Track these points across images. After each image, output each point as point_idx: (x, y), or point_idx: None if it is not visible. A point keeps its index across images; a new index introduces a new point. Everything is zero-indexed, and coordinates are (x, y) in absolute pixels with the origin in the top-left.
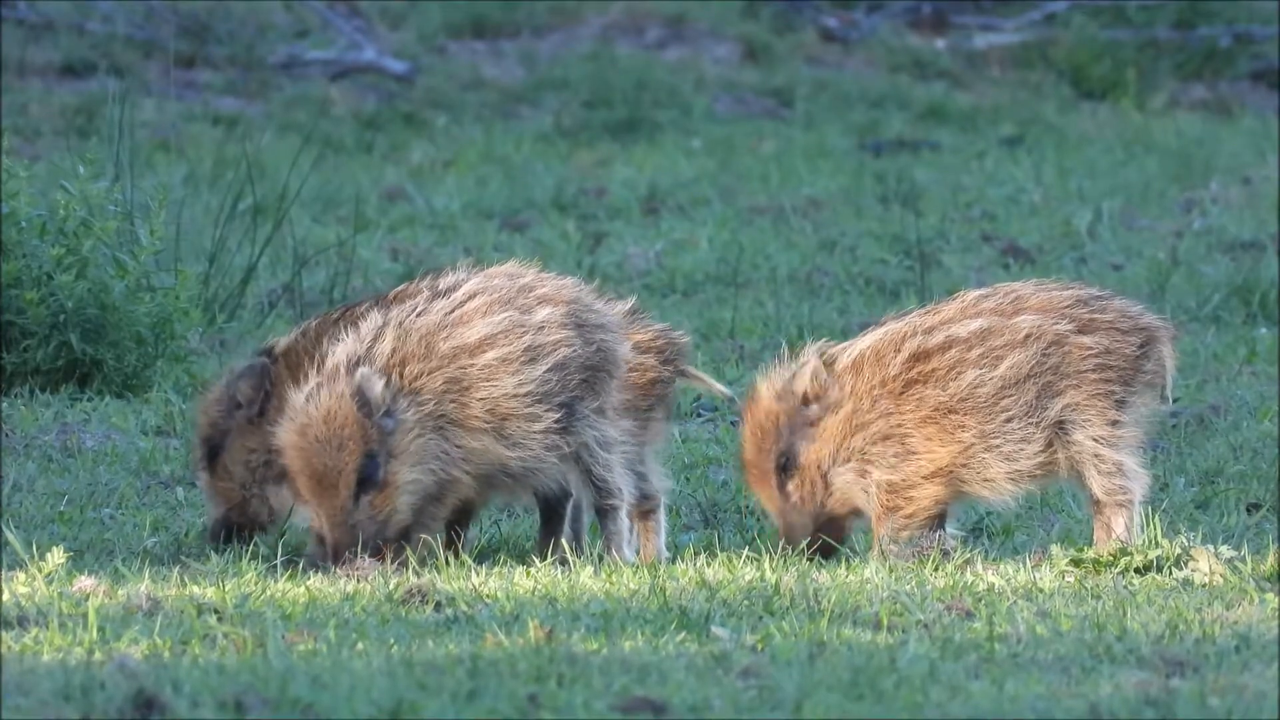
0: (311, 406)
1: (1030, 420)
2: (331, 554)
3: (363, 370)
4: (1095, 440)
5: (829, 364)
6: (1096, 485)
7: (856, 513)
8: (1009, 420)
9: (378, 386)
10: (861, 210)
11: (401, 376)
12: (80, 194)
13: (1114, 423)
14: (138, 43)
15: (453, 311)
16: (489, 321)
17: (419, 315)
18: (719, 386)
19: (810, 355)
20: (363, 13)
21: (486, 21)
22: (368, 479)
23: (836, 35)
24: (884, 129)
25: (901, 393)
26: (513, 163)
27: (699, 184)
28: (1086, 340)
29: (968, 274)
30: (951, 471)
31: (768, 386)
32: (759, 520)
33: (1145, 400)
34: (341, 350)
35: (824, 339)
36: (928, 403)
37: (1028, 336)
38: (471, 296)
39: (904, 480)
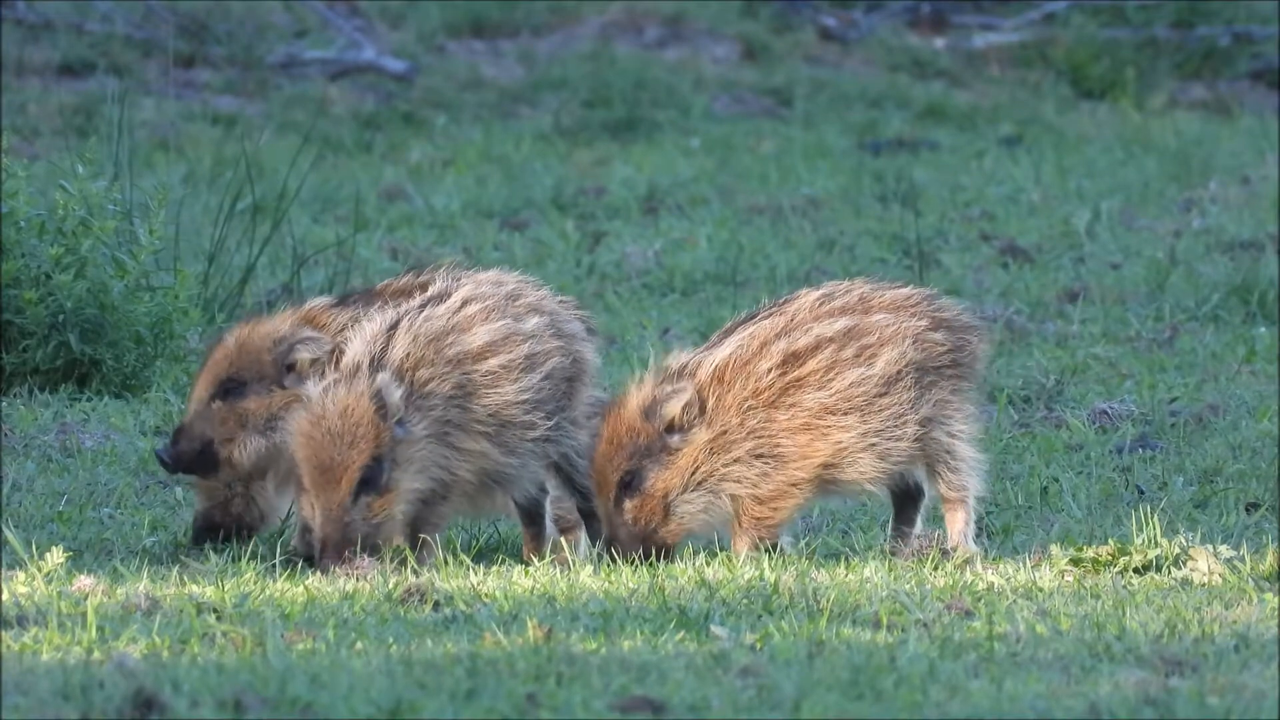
0: (329, 400)
1: (905, 418)
2: (319, 548)
3: (383, 375)
4: (951, 436)
5: (691, 375)
6: (943, 482)
7: (682, 537)
8: (888, 418)
9: (396, 394)
10: (860, 209)
11: (413, 382)
12: (79, 193)
13: (966, 418)
14: (136, 42)
15: (453, 316)
16: (490, 328)
17: (425, 319)
18: None
19: (686, 383)
20: (362, 12)
21: (486, 21)
22: (370, 481)
23: (835, 35)
24: (883, 128)
25: (775, 401)
26: (512, 162)
27: (698, 183)
28: (938, 336)
29: (966, 273)
30: (821, 474)
31: (637, 398)
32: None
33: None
34: (357, 348)
35: (686, 348)
36: (804, 407)
37: (895, 333)
38: (467, 302)
39: (773, 491)
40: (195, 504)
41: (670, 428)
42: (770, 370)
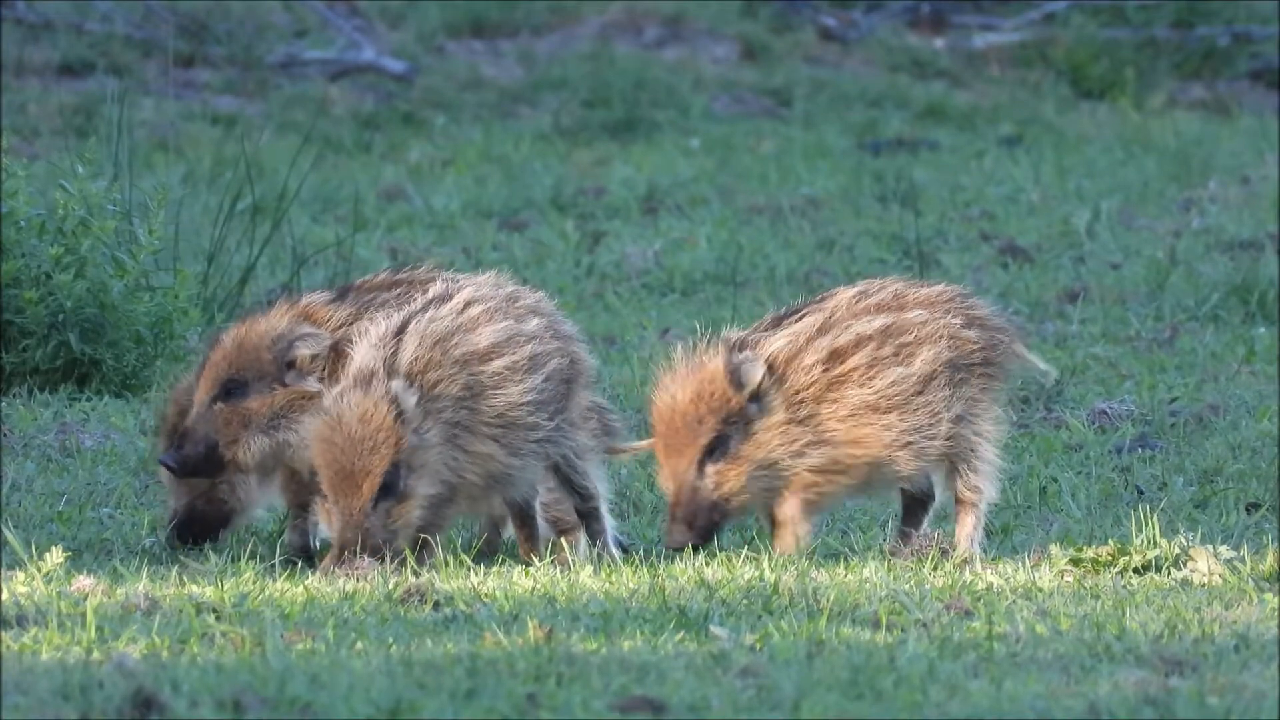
0: (346, 405)
1: (940, 416)
2: (337, 553)
3: (398, 383)
4: (977, 435)
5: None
6: (961, 482)
7: (739, 515)
8: (925, 416)
9: (411, 401)
10: (860, 210)
11: (423, 385)
12: (79, 193)
13: (994, 420)
14: (136, 42)
15: (458, 317)
16: (494, 329)
17: (430, 320)
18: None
19: (756, 354)
20: (362, 12)
21: (485, 21)
22: (389, 486)
23: (835, 34)
24: (883, 128)
25: (820, 398)
26: (511, 162)
27: (698, 183)
28: (972, 334)
29: (966, 273)
30: (870, 469)
31: (719, 362)
32: (757, 519)
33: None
34: (367, 353)
35: (737, 329)
36: (850, 401)
37: (932, 332)
38: (470, 303)
39: (827, 464)
40: (169, 501)
41: (753, 396)
42: (815, 368)
